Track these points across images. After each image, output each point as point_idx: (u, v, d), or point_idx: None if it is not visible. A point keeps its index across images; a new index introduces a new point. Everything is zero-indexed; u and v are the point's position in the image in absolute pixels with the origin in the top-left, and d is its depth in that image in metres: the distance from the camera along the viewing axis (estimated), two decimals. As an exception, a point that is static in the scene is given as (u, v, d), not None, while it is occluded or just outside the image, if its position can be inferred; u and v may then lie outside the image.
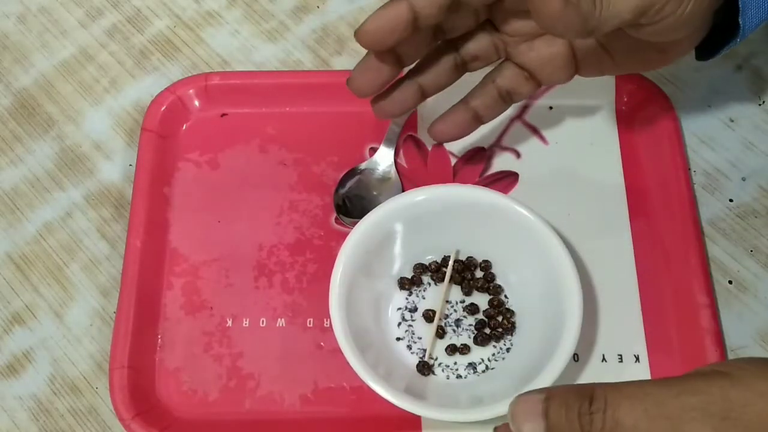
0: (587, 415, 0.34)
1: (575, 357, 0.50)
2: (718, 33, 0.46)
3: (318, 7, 0.64)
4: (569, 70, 0.49)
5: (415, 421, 0.48)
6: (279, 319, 0.52)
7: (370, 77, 0.47)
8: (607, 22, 0.40)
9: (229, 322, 0.52)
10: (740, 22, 0.44)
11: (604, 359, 0.50)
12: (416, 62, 0.49)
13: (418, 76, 0.49)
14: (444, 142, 0.54)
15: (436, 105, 0.57)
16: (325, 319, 0.51)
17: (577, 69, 0.49)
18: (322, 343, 0.51)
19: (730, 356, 0.50)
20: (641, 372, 0.50)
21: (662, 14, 0.41)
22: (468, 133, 0.52)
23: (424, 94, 0.50)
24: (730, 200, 0.55)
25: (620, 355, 0.50)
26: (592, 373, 0.50)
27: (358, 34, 0.44)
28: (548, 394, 0.36)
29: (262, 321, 0.52)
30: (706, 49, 0.48)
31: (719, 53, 0.47)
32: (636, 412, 0.34)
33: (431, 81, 0.49)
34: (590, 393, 0.35)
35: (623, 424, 0.34)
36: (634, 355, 0.50)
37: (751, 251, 0.54)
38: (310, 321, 0.52)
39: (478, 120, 0.51)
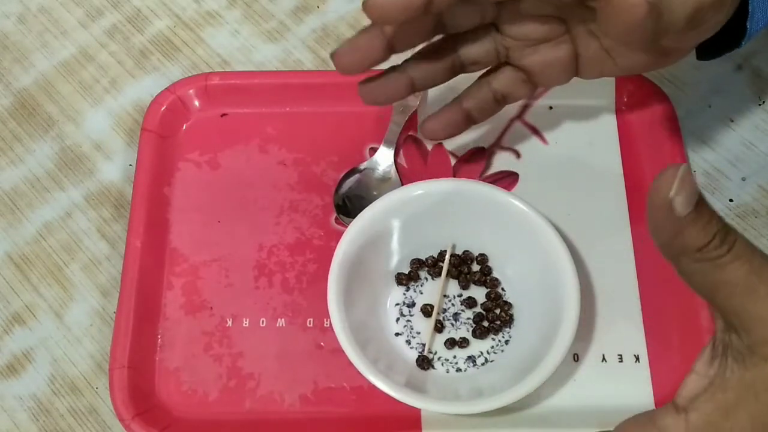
0: (721, 239, 0.33)
1: (575, 357, 0.50)
2: (721, 35, 0.46)
3: (318, 7, 0.64)
4: (570, 73, 0.49)
5: (415, 420, 0.48)
6: (279, 319, 0.52)
7: (358, 55, 0.45)
8: (665, 29, 0.41)
9: (229, 322, 0.52)
10: (747, 26, 0.44)
11: (604, 359, 0.50)
12: (412, 54, 0.48)
13: (411, 68, 0.48)
14: (436, 140, 0.53)
15: (435, 104, 0.58)
16: (325, 319, 0.51)
17: (578, 71, 0.49)
18: (322, 343, 0.51)
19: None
20: (641, 372, 0.50)
21: (704, 23, 0.42)
22: (459, 133, 0.52)
23: (414, 88, 0.48)
24: (730, 200, 0.55)
25: (620, 355, 0.50)
26: (592, 373, 0.50)
27: (368, 5, 0.42)
28: (701, 194, 0.33)
29: (262, 321, 0.52)
30: (707, 49, 0.48)
31: (722, 55, 0.47)
32: None
33: (424, 76, 0.48)
34: (728, 227, 0.33)
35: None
36: (634, 355, 0.50)
37: (751, 251, 0.54)
38: (310, 321, 0.52)
39: (471, 120, 0.51)
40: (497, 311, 0.51)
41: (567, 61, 0.48)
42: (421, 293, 0.52)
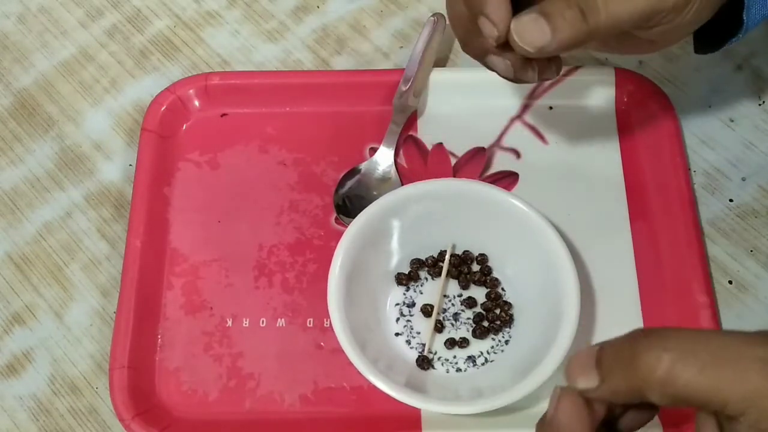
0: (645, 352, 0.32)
1: (575, 357, 0.50)
2: (719, 28, 0.46)
3: (318, 7, 0.64)
4: None
5: (415, 420, 0.48)
6: (279, 319, 0.52)
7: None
8: (604, 29, 0.41)
9: (229, 322, 0.52)
10: (744, 18, 0.44)
11: (604, 359, 0.50)
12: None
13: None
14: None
15: (435, 104, 0.58)
16: (325, 319, 0.51)
17: None
18: (322, 343, 0.51)
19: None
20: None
21: (663, 21, 0.42)
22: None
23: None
24: (730, 200, 0.55)
25: (620, 355, 0.50)
26: (592, 373, 0.50)
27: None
28: (602, 344, 0.34)
29: (262, 321, 0.52)
30: (705, 43, 0.48)
31: (719, 48, 0.47)
32: (698, 360, 0.31)
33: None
34: (646, 332, 0.33)
35: (680, 375, 0.31)
36: (634, 355, 0.50)
37: (751, 251, 0.54)
38: (310, 321, 0.52)
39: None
40: (497, 311, 0.51)
41: None
42: (421, 293, 0.52)
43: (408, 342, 0.50)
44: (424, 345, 0.50)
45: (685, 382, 0.31)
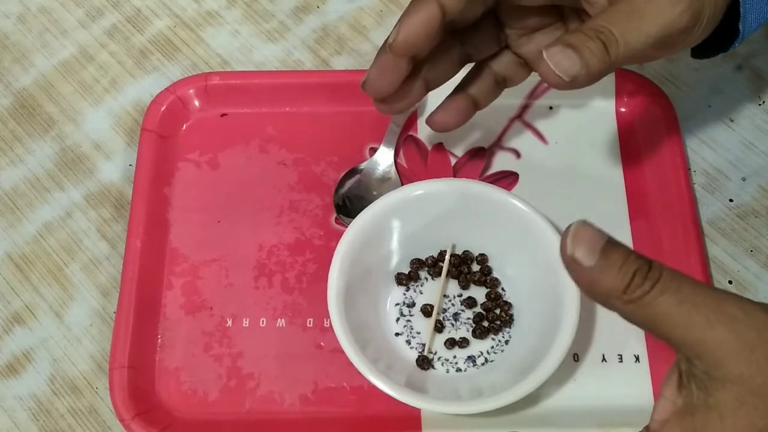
0: (643, 276, 0.33)
1: (575, 357, 0.50)
2: (716, 34, 0.46)
3: (318, 7, 0.64)
4: None
5: (415, 420, 0.48)
6: (279, 319, 0.52)
7: (388, 78, 0.46)
8: (623, 60, 0.42)
9: (229, 322, 0.52)
10: (740, 28, 0.44)
11: (604, 359, 0.50)
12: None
13: (424, 70, 0.48)
14: (444, 131, 0.52)
15: (435, 104, 0.58)
16: (325, 319, 0.51)
17: None
18: (322, 343, 0.51)
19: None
20: (641, 372, 0.50)
21: (675, 42, 0.42)
22: (467, 120, 0.51)
23: (428, 88, 0.49)
24: (730, 200, 0.55)
25: (620, 355, 0.50)
26: (592, 373, 0.50)
27: (394, 47, 0.44)
28: (610, 238, 0.35)
29: (262, 321, 0.52)
30: (702, 48, 0.48)
31: (716, 55, 0.47)
32: (681, 295, 0.33)
33: (437, 75, 0.49)
34: (650, 262, 0.34)
35: (661, 302, 0.33)
36: (634, 355, 0.50)
37: (751, 251, 0.54)
38: (310, 321, 0.52)
39: (476, 106, 0.51)
40: (497, 311, 0.51)
41: None
42: (421, 293, 0.52)
43: (408, 342, 0.50)
44: (424, 345, 0.50)
45: (662, 311, 0.33)
